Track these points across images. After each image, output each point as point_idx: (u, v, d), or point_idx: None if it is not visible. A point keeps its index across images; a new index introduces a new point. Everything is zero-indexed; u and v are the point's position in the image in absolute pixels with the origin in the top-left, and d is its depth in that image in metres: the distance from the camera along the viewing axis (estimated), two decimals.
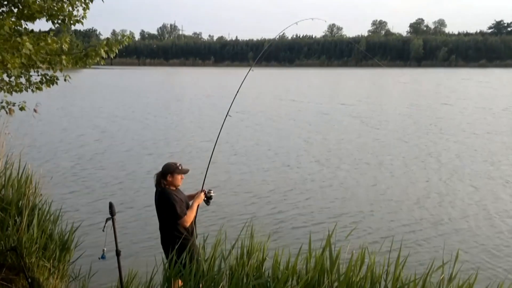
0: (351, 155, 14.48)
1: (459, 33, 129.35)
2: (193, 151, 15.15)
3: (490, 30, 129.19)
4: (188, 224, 4.71)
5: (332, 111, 26.06)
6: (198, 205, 4.96)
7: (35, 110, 7.75)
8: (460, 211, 9.24)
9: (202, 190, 5.06)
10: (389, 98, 35.16)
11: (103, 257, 4.18)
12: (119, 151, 15.29)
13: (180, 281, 4.44)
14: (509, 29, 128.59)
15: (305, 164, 13.28)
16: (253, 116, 23.69)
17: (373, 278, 4.54)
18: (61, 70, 6.12)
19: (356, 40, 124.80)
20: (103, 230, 4.02)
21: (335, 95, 36.87)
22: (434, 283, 4.39)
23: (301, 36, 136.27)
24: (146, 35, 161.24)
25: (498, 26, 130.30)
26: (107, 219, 4.06)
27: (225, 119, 5.62)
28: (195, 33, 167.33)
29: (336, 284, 4.57)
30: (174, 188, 4.86)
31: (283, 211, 9.23)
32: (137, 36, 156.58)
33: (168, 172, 4.76)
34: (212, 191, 5.11)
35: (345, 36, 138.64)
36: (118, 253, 4.12)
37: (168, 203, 4.65)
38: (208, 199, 5.09)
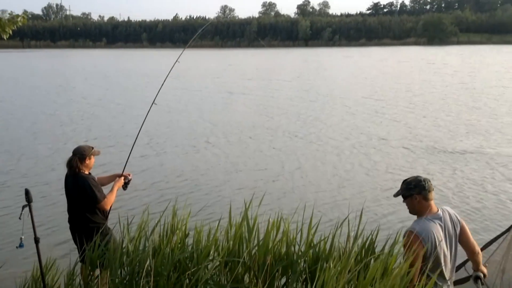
0: (258, 128, 15.00)
1: (341, 14, 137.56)
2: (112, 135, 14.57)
3: (368, 11, 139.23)
4: (108, 207, 4.70)
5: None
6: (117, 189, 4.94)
7: None
8: (364, 175, 10.19)
9: (122, 175, 5.04)
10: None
11: (21, 245, 4.03)
12: (29, 136, 14.66)
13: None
14: (385, 10, 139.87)
15: (216, 143, 13.52)
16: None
17: (288, 242, 4.93)
18: None
19: (248, 21, 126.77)
20: (19, 218, 3.87)
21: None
22: (342, 240, 4.90)
23: (194, 17, 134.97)
24: (30, 16, 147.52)
25: (376, 8, 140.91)
26: (24, 206, 3.91)
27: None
28: (84, 14, 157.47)
29: (255, 250, 4.89)
30: (88, 172, 4.78)
31: (203, 189, 9.45)
32: None
33: (86, 155, 4.66)
34: (130, 175, 5.12)
35: (237, 18, 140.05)
36: (37, 241, 3.98)
37: (88, 187, 4.57)
38: (125, 184, 5.08)
